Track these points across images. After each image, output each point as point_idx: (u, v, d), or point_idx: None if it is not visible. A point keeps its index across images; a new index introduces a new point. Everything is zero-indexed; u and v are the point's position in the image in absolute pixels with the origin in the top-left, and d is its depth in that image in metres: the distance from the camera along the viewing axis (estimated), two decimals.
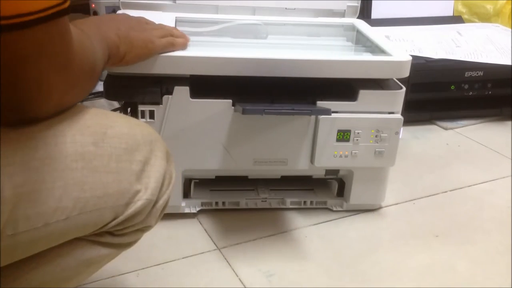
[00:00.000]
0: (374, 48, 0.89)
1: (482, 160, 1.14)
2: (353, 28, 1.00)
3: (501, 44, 1.35)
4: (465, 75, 1.27)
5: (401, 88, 0.85)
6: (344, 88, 0.83)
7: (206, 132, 0.81)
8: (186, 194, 0.89)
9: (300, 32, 1.00)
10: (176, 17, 0.97)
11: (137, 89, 0.78)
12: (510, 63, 1.27)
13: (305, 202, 0.91)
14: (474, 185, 1.04)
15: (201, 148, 0.82)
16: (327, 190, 0.94)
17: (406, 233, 0.88)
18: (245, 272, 0.78)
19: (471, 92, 1.30)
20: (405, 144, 1.21)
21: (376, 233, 0.88)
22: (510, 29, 1.49)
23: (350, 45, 0.96)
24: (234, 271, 0.78)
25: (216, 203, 0.89)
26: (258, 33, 0.95)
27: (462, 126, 1.30)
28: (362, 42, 0.95)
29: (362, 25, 1.00)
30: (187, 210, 0.88)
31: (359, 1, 1.03)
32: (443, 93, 1.29)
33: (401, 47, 0.85)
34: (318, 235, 0.87)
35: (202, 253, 0.81)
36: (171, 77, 0.78)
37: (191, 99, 0.79)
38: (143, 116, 0.79)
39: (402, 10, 1.48)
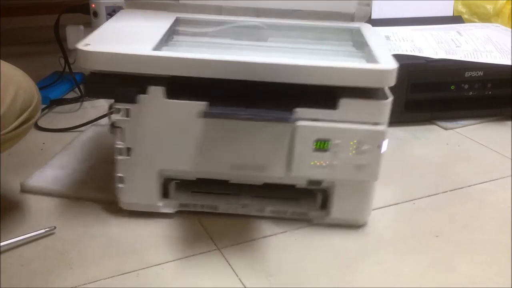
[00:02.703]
0: (368, 54, 0.87)
1: (482, 160, 1.14)
2: (358, 32, 0.97)
3: (501, 44, 1.35)
4: (465, 75, 1.27)
5: (387, 98, 0.80)
6: (327, 95, 0.80)
7: (181, 133, 0.81)
8: (166, 194, 0.89)
9: (305, 35, 0.97)
10: (177, 17, 0.97)
11: (113, 87, 0.79)
12: (510, 63, 1.27)
13: (285, 211, 0.88)
14: (474, 185, 1.04)
15: (176, 149, 0.82)
16: (313, 201, 0.89)
17: (406, 233, 0.88)
18: (245, 272, 0.78)
19: (471, 92, 1.30)
20: (405, 144, 1.21)
21: (376, 233, 0.88)
22: (510, 29, 1.49)
23: (350, 51, 0.93)
24: (234, 271, 0.78)
25: (195, 205, 0.89)
26: (259, 35, 0.95)
27: (462, 126, 1.30)
28: (362, 47, 0.93)
29: (366, 29, 0.96)
30: (164, 210, 0.88)
31: (370, 5, 0.98)
32: (443, 93, 1.29)
33: (390, 56, 0.81)
34: (318, 235, 0.87)
35: (202, 253, 0.81)
36: (150, 76, 0.78)
37: (166, 100, 0.79)
38: (117, 114, 0.81)
39: (402, 10, 1.49)
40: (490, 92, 1.31)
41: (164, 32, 0.88)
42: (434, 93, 1.29)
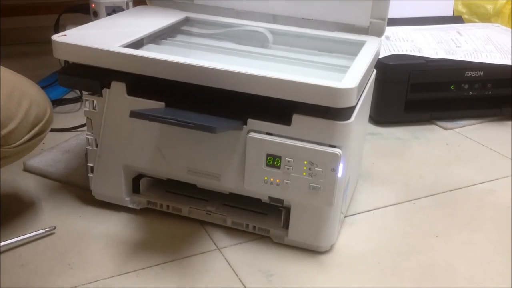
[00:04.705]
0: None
1: (482, 160, 1.14)
2: (361, 46, 0.89)
3: (501, 44, 1.35)
4: (465, 75, 1.27)
5: (348, 119, 0.73)
6: (283, 110, 0.75)
7: (141, 131, 0.82)
8: (137, 190, 0.90)
9: (311, 45, 0.93)
10: (186, 17, 0.98)
11: (80, 79, 0.81)
12: (510, 63, 1.27)
13: (247, 225, 0.85)
14: (474, 185, 1.04)
15: (137, 147, 0.83)
16: (278, 219, 0.84)
17: (406, 233, 0.89)
18: (245, 272, 0.78)
19: (471, 92, 1.30)
20: (405, 144, 1.21)
21: (376, 233, 0.88)
22: (510, 29, 1.49)
23: (341, 65, 0.85)
24: (234, 271, 0.78)
25: (161, 205, 0.88)
26: (263, 42, 0.93)
27: (462, 126, 1.30)
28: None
29: (370, 43, 0.88)
30: (130, 205, 0.89)
31: (385, 21, 0.91)
32: (443, 93, 1.29)
33: (359, 75, 0.73)
34: None
35: (202, 253, 0.81)
36: (116, 72, 0.79)
37: (127, 96, 0.80)
38: (86, 105, 0.83)
39: (402, 10, 1.49)
40: (490, 92, 1.31)
41: (157, 30, 0.89)
42: (434, 93, 1.29)
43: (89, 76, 0.81)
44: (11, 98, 0.71)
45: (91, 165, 0.87)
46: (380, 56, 1.19)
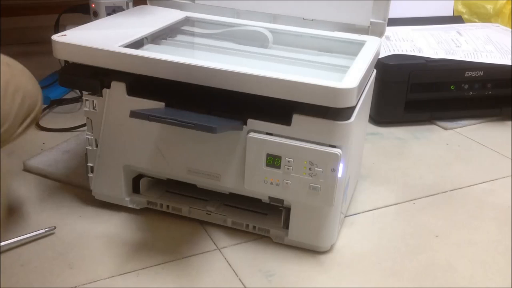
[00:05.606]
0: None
1: (482, 160, 1.14)
2: (361, 46, 0.88)
3: (501, 44, 1.35)
4: (465, 75, 1.27)
5: (348, 119, 0.73)
6: (284, 110, 0.75)
7: (141, 131, 0.82)
8: (137, 190, 0.90)
9: (311, 45, 0.93)
10: (186, 16, 0.98)
11: (80, 79, 0.82)
12: (510, 63, 1.27)
13: (247, 225, 0.85)
14: (474, 185, 1.04)
15: (137, 147, 0.83)
16: (278, 219, 0.84)
17: (406, 233, 0.89)
18: (245, 272, 0.78)
19: (471, 92, 1.30)
20: (405, 144, 1.21)
21: (376, 233, 0.88)
22: (510, 29, 1.49)
23: (341, 65, 0.85)
24: (234, 271, 0.78)
25: (161, 205, 0.88)
26: (263, 41, 0.93)
27: (462, 126, 1.30)
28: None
29: (370, 43, 0.88)
30: (130, 205, 0.89)
31: (385, 21, 0.91)
32: (443, 93, 1.29)
33: (359, 75, 0.73)
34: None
35: (202, 253, 0.81)
36: (116, 72, 0.79)
37: (127, 96, 0.80)
38: (86, 105, 0.83)
39: (402, 10, 1.49)
40: (490, 92, 1.31)
41: (157, 30, 0.89)
42: (434, 93, 1.29)
43: (89, 76, 0.81)
44: (5, 96, 0.68)
45: (91, 165, 0.87)
46: (380, 56, 1.19)
